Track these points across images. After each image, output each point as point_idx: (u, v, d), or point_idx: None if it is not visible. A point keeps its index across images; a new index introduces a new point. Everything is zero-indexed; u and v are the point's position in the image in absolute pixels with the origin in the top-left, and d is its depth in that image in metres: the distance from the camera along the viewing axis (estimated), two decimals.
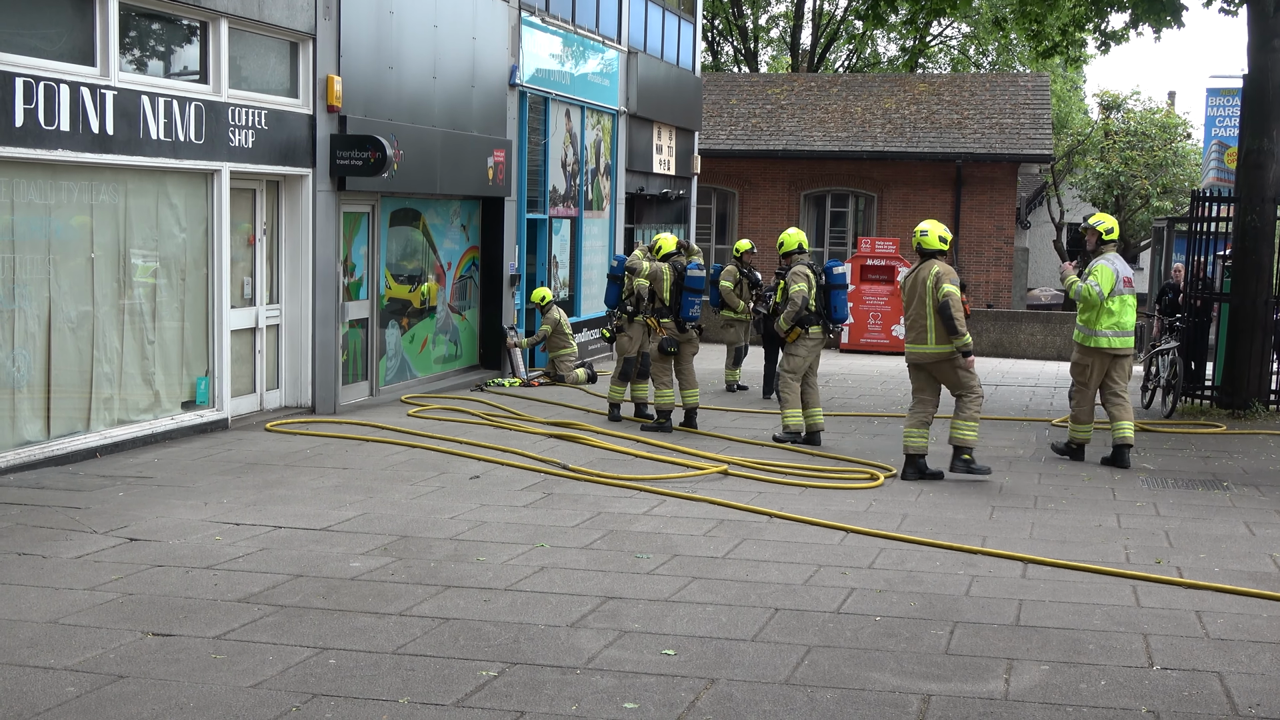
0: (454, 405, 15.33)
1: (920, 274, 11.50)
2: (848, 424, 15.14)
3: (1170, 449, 13.71)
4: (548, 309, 18.26)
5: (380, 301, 15.96)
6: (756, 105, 33.62)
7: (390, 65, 15.44)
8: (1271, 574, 8.31)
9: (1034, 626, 7.01)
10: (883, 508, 10.21)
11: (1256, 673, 6.31)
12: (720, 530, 9.23)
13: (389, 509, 9.68)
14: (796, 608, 7.28)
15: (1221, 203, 17.78)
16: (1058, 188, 41.77)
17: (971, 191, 31.10)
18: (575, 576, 7.86)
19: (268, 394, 14.23)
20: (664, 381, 14.02)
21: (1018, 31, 22.72)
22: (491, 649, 6.43)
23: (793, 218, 32.02)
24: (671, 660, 6.32)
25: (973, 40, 47.55)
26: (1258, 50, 17.05)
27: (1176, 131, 39.83)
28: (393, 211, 16.27)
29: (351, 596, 7.31)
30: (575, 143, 21.01)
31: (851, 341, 27.12)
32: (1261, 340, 16.76)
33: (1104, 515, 10.11)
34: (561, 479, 11.04)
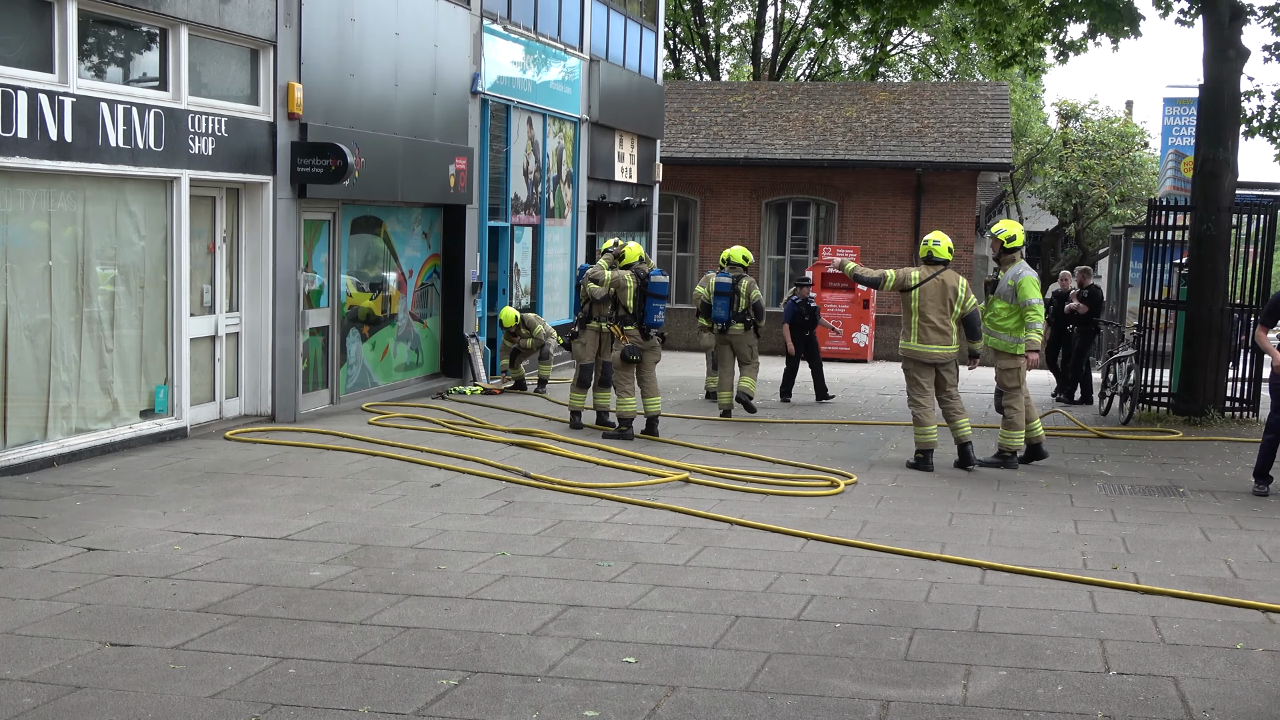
0: (415, 413, 15.30)
1: (945, 281, 12.49)
2: (809, 431, 15.20)
3: (1127, 455, 13.83)
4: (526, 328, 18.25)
5: (341, 309, 15.91)
6: (718, 113, 33.70)
7: (352, 73, 15.41)
8: (1226, 579, 8.40)
9: (992, 632, 7.06)
10: (843, 515, 10.26)
11: (1211, 677, 6.37)
12: (681, 538, 9.25)
13: (349, 517, 9.65)
14: (757, 615, 7.30)
15: (1178, 211, 17.97)
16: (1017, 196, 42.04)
17: (932, 200, 31.26)
18: (536, 584, 7.86)
19: (227, 402, 14.16)
20: (626, 389, 14.05)
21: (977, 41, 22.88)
22: (452, 657, 6.43)
23: (754, 225, 32.10)
24: (632, 668, 6.33)
25: (933, 49, 47.83)
26: (1213, 60, 17.24)
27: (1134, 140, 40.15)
28: (354, 219, 16.23)
29: (311, 605, 7.28)
30: (537, 150, 21.01)
31: None
32: (1217, 348, 16.94)
33: (1062, 521, 10.19)
34: (523, 487, 11.04)
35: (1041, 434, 13.06)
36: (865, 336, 27.27)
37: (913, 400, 12.66)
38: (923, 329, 12.50)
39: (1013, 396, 12.78)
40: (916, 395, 12.62)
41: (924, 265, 12.68)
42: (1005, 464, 12.74)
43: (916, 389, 12.63)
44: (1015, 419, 12.74)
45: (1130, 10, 18.86)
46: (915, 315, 12.51)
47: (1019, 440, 12.75)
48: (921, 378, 12.61)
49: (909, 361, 12.68)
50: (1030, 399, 13.03)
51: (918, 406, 12.58)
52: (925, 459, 12.55)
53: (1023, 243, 12.92)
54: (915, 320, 12.52)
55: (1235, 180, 17.37)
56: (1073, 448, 14.32)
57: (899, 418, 16.24)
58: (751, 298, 16.22)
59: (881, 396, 19.45)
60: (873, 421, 16.30)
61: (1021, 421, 12.73)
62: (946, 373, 12.66)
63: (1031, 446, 12.91)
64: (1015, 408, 12.74)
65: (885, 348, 28.30)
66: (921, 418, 12.55)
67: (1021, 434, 12.75)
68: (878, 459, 13.18)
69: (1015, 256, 12.86)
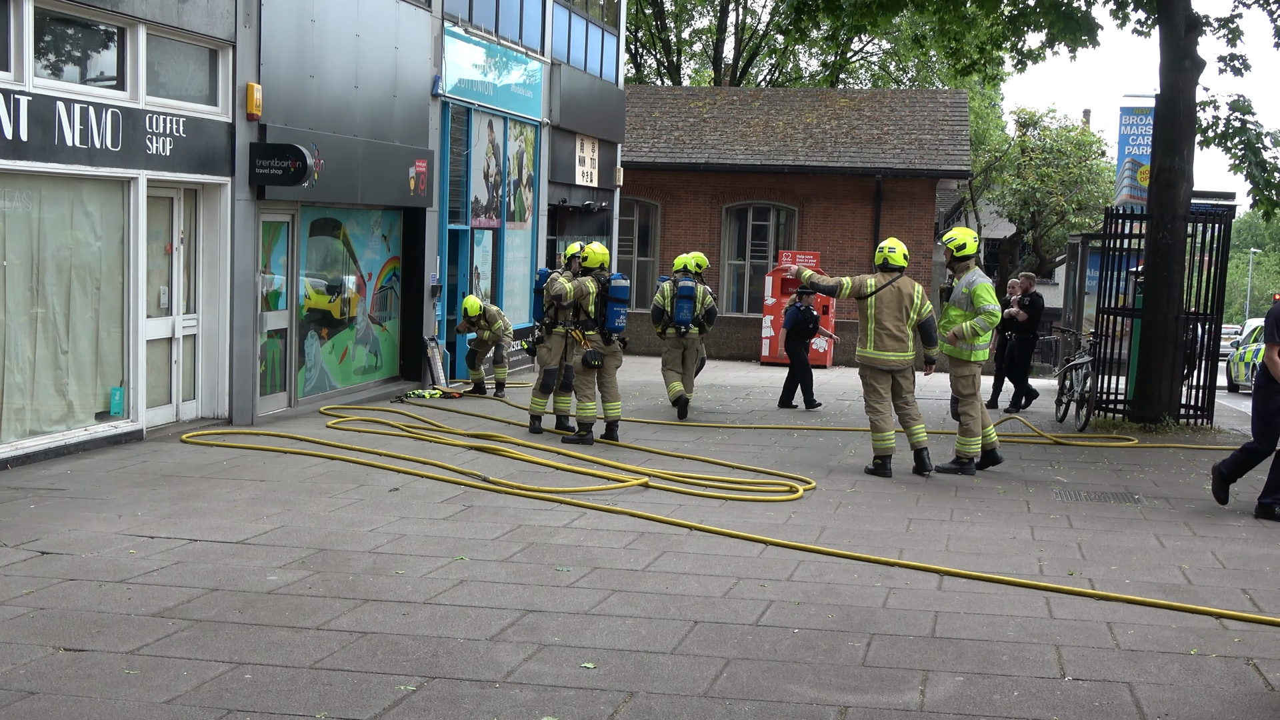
0: (374, 416, 15.24)
1: (901, 289, 12.53)
2: (768, 436, 15.23)
3: (1083, 462, 13.93)
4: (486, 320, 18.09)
5: (299, 312, 15.83)
6: (679, 118, 33.74)
7: (311, 74, 15.35)
8: (1181, 585, 8.47)
9: (949, 638, 7.09)
10: (802, 520, 10.28)
11: (1166, 683, 6.42)
12: (640, 543, 9.25)
13: (307, 521, 9.60)
14: (716, 620, 7.31)
15: (1134, 220, 18.12)
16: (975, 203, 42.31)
17: (891, 206, 31.40)
18: (495, 589, 7.84)
19: (184, 405, 14.06)
20: (586, 394, 14.04)
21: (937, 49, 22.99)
22: (410, 663, 6.40)
23: (715, 230, 32.16)
24: (591, 673, 6.32)
25: (893, 57, 48.06)
26: (1169, 70, 17.39)
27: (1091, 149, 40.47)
28: (313, 221, 16.15)
29: (268, 610, 7.24)
30: (498, 153, 20.98)
31: (772, 354, 27.31)
32: (1172, 355, 17.08)
33: (1018, 528, 10.25)
34: (482, 491, 11.01)
35: (995, 440, 13.15)
36: (824, 342, 27.34)
37: (870, 406, 12.72)
38: (879, 336, 12.55)
39: (968, 403, 12.85)
40: (874, 401, 12.67)
41: (880, 272, 12.73)
42: (962, 470, 12.80)
43: (874, 395, 12.68)
44: (971, 426, 12.81)
45: (1088, 20, 19.01)
46: (872, 322, 12.57)
47: (976, 447, 12.82)
48: (878, 384, 12.66)
49: (866, 368, 12.74)
50: (984, 406, 13.11)
51: (875, 413, 12.64)
52: (883, 465, 12.60)
53: (975, 250, 12.97)
54: (872, 327, 12.57)
55: (1191, 189, 17.53)
56: (1029, 454, 14.41)
57: (858, 423, 16.30)
58: (706, 303, 16.57)
59: (840, 402, 19.52)
60: (831, 427, 16.35)
61: (978, 428, 12.80)
62: (903, 379, 12.72)
63: (986, 453, 12.99)
64: (971, 414, 12.81)
65: (844, 353, 28.41)
66: (879, 424, 12.60)
67: (978, 441, 12.82)
68: (836, 464, 13.23)
69: (969, 264, 12.93)
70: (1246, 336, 31.15)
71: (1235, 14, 18.67)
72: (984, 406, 13.13)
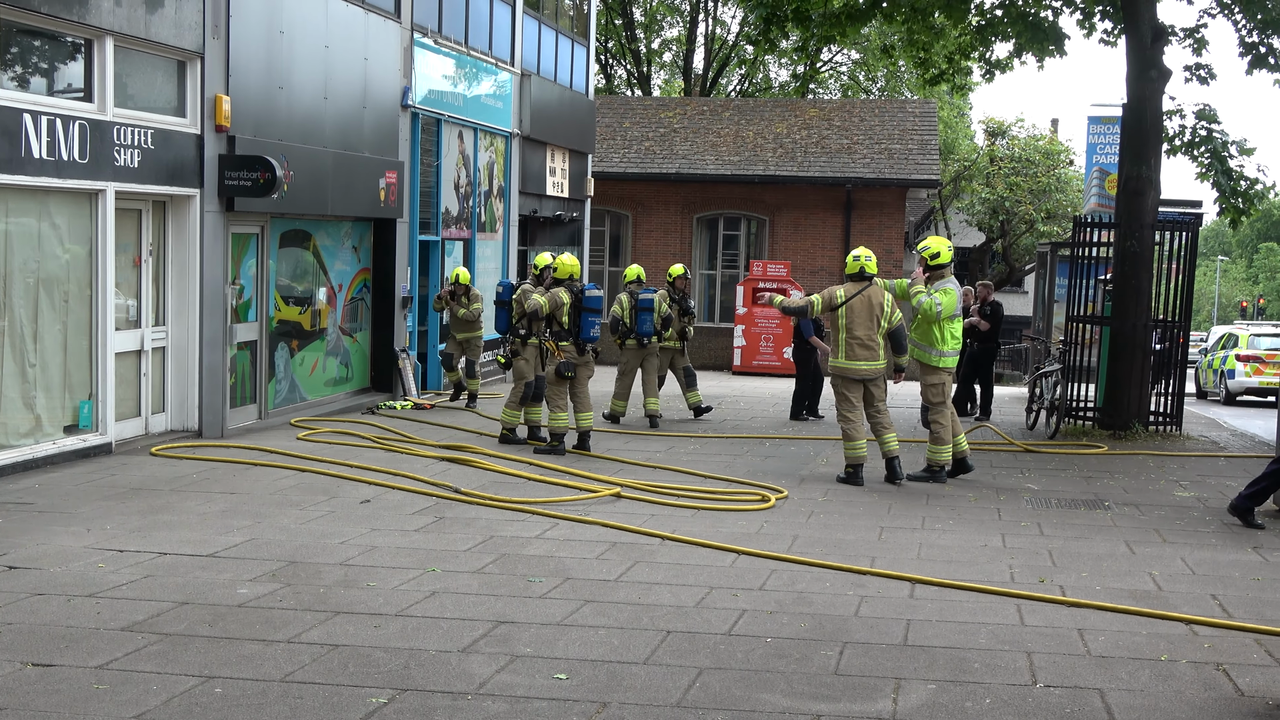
0: (345, 428, 15.19)
1: (871, 298, 12.58)
2: (740, 445, 15.24)
3: (1054, 469, 13.99)
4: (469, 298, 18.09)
5: (269, 323, 15.76)
6: (650, 128, 33.79)
7: (280, 85, 15.30)
8: (1151, 591, 8.51)
9: (921, 646, 7.10)
10: (774, 529, 10.29)
11: (1136, 689, 6.45)
12: (613, 553, 9.24)
13: (277, 534, 9.55)
14: (688, 630, 7.31)
15: (1102, 228, 18.24)
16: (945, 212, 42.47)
17: (861, 215, 31.50)
18: (467, 601, 7.82)
19: (153, 418, 13.98)
20: (558, 405, 14.02)
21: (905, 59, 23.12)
22: (381, 675, 6.38)
23: (685, 240, 32.20)
24: (563, 684, 6.31)
25: (862, 67, 48.25)
26: (1136, 80, 17.52)
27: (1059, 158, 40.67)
28: (283, 233, 16.09)
29: (238, 624, 7.20)
30: (468, 164, 20.96)
31: (744, 363, 27.35)
32: (1141, 362, 17.18)
33: (989, 535, 10.28)
34: (453, 502, 10.99)
35: (966, 448, 13.19)
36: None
37: (842, 415, 12.74)
38: (850, 346, 12.59)
39: (938, 411, 12.90)
40: (846, 410, 12.70)
41: (850, 282, 12.77)
42: (934, 478, 12.84)
43: (845, 404, 12.71)
44: (941, 434, 12.85)
45: (1055, 30, 19.15)
46: (843, 332, 12.61)
47: (946, 455, 12.86)
48: (850, 393, 12.69)
49: (838, 378, 12.77)
50: (955, 414, 13.17)
51: (847, 422, 12.66)
52: (855, 473, 12.63)
53: (949, 259, 13.01)
54: (843, 337, 12.61)
55: (1158, 198, 17.66)
56: (1000, 462, 14.47)
57: (829, 432, 16.33)
58: (662, 312, 16.84)
59: None
60: (803, 436, 16.38)
61: (948, 436, 12.84)
62: (874, 388, 12.75)
63: (957, 461, 13.04)
64: (941, 422, 12.86)
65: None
66: (851, 433, 12.63)
67: (949, 448, 12.86)
68: (808, 473, 13.25)
69: (943, 273, 12.99)
70: (1214, 344, 31.36)
71: (1200, 24, 18.83)
72: (955, 414, 13.18)
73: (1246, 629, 7.58)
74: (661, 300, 16.83)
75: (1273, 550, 9.91)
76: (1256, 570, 9.25)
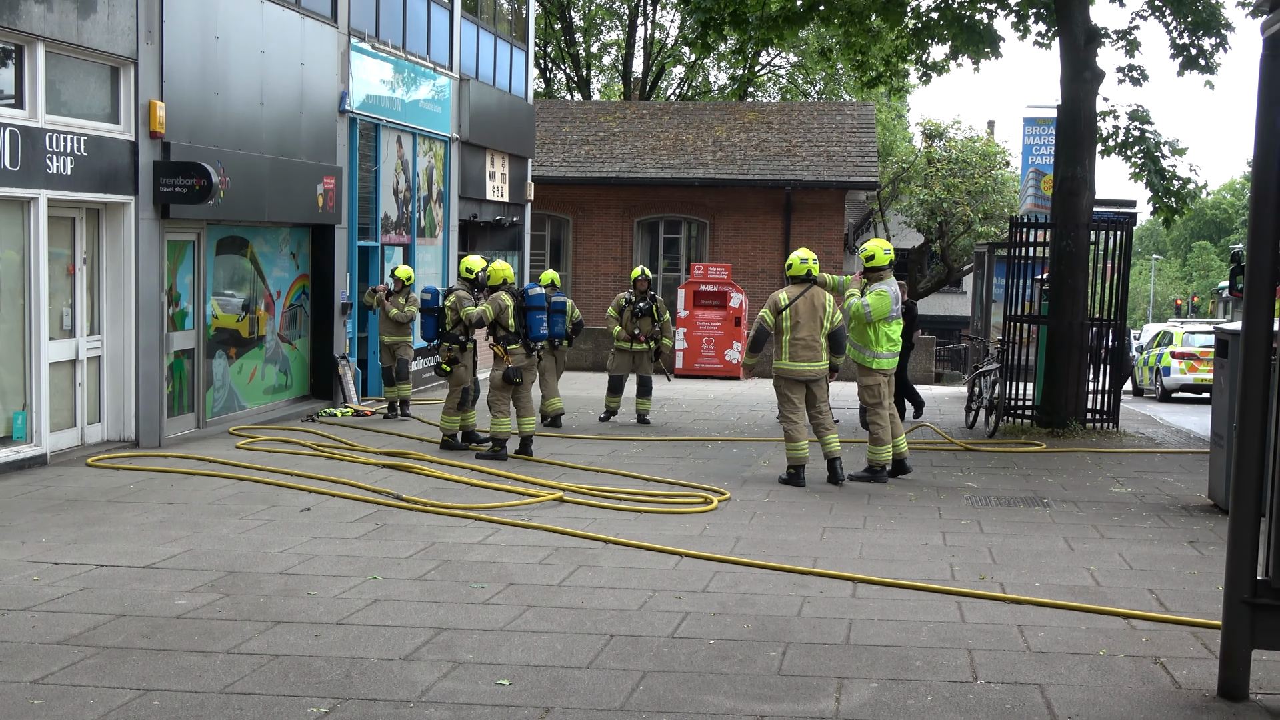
0: (284, 436, 15.07)
1: (814, 299, 12.64)
2: (682, 448, 15.26)
3: (993, 468, 14.11)
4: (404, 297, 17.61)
5: (207, 331, 15.62)
6: (589, 132, 33.79)
7: (216, 91, 15.17)
8: (1089, 587, 8.59)
9: (864, 645, 7.14)
10: (717, 531, 10.30)
11: (1075, 683, 6.51)
12: (555, 558, 9.22)
13: (216, 544, 9.46)
14: (631, 633, 7.30)
15: (1038, 228, 18.41)
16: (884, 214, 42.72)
17: (801, 218, 31.65)
18: (409, 608, 7.77)
19: (89, 428, 13.82)
20: (501, 410, 13.96)
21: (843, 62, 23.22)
22: (323, 685, 6.32)
23: (626, 244, 32.23)
24: (506, 690, 6.28)
25: (800, 70, 48.46)
26: (1070, 82, 17.71)
27: (996, 159, 41.01)
28: (219, 239, 15.95)
29: (177, 635, 7.12)
30: (407, 169, 20.87)
31: (686, 366, 27.36)
32: (1078, 360, 17.36)
33: (930, 534, 10.35)
34: (395, 509, 10.92)
35: (905, 450, 13.26)
36: (737, 354, 27.46)
37: (784, 417, 12.79)
38: (793, 347, 12.63)
39: (875, 412, 12.97)
40: (788, 412, 12.74)
41: (792, 284, 12.81)
42: (875, 478, 12.91)
43: (788, 405, 12.75)
44: (880, 434, 12.92)
45: (990, 32, 19.32)
46: (787, 334, 12.64)
47: (886, 455, 12.93)
48: (793, 394, 12.74)
49: (781, 379, 12.81)
50: (895, 415, 13.24)
51: (790, 423, 12.71)
52: (797, 474, 12.67)
53: (885, 261, 13.03)
54: (786, 339, 12.65)
55: (1093, 198, 17.86)
56: (940, 461, 14.57)
57: (771, 434, 16.38)
58: (575, 316, 16.81)
59: (754, 413, 19.61)
60: (745, 438, 16.43)
61: (887, 436, 12.91)
62: (817, 389, 12.80)
63: (895, 462, 13.11)
64: (879, 423, 12.92)
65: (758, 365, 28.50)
66: (794, 434, 12.67)
67: (888, 449, 12.93)
68: (750, 475, 13.28)
69: (881, 275, 13.04)
70: (1149, 341, 31.74)
71: (1133, 26, 19.08)
72: (896, 416, 13.25)
73: (1183, 623, 7.67)
74: (573, 307, 16.77)
75: (1208, 545, 10.04)
76: (1193, 564, 9.36)
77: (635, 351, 17.58)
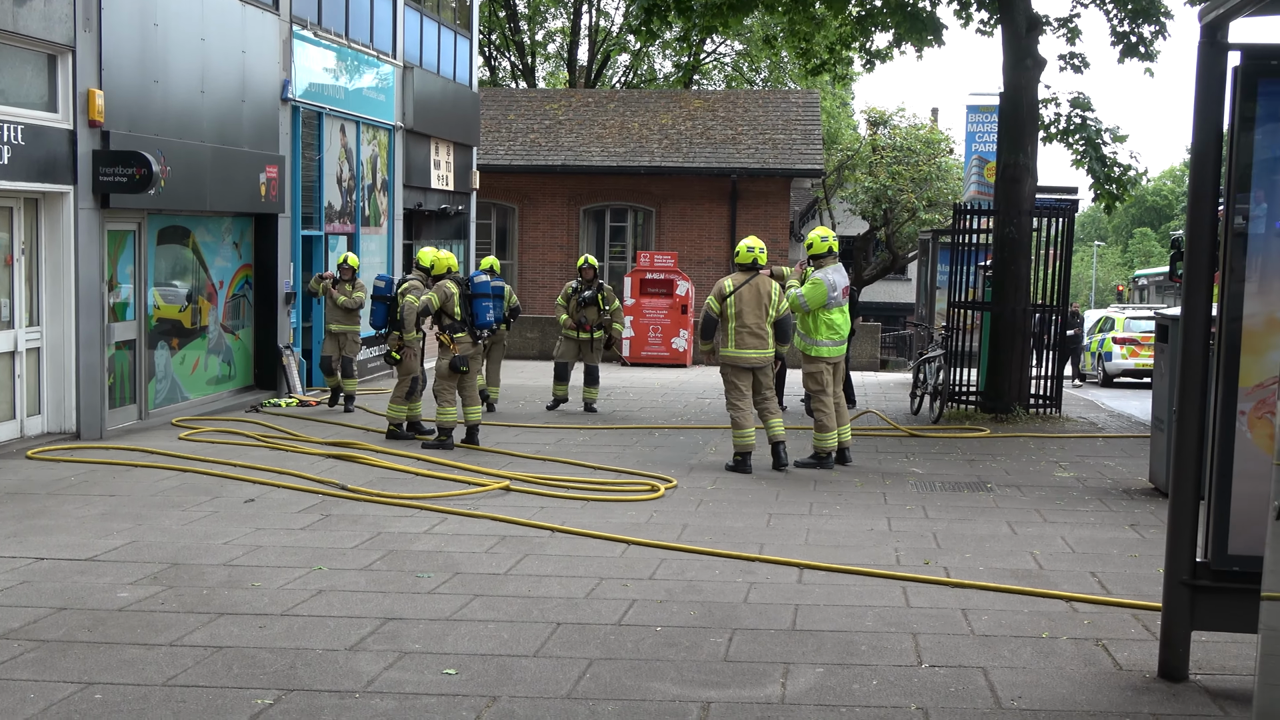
0: (228, 427, 14.95)
1: (759, 287, 12.68)
2: (629, 436, 15.26)
3: (938, 453, 14.21)
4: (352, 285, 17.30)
5: (149, 322, 15.46)
6: (535, 121, 33.68)
7: (156, 79, 15.00)
8: (1032, 571, 8.67)
9: (809, 630, 7.17)
10: (663, 519, 10.32)
11: (1019, 666, 6.57)
12: (502, 547, 9.20)
13: (159, 536, 9.37)
14: (578, 621, 7.30)
15: (982, 215, 18.54)
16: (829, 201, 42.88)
17: (747, 205, 31.70)
18: (354, 599, 7.74)
19: (29, 420, 13.65)
20: (447, 399, 13.91)
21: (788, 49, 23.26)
22: (267, 676, 6.28)
23: (572, 232, 32.18)
24: (453, 680, 6.27)
25: (745, 58, 48.50)
26: (1012, 69, 17.83)
27: (940, 147, 41.22)
28: (161, 229, 15.78)
29: (119, 628, 7.05)
30: (351, 158, 20.73)
31: (633, 354, 27.38)
32: (1021, 346, 17.51)
33: (875, 519, 10.41)
34: (340, 500, 10.86)
35: (847, 440, 13.29)
36: (684, 342, 27.51)
37: (731, 404, 12.82)
38: (739, 334, 12.66)
39: (818, 400, 13.03)
40: (734, 399, 12.78)
41: (739, 271, 12.84)
42: (821, 464, 12.96)
43: (734, 393, 12.78)
44: (825, 420, 12.97)
45: (933, 20, 19.41)
46: (732, 321, 12.66)
47: (832, 441, 12.99)
48: (739, 382, 12.77)
49: (726, 366, 12.84)
50: (843, 402, 13.30)
51: (736, 410, 12.74)
52: (744, 461, 12.71)
53: (826, 248, 13.04)
54: (732, 326, 12.67)
55: (1035, 185, 18.00)
56: (885, 447, 14.66)
57: (718, 421, 16.42)
58: (512, 303, 16.73)
59: (701, 400, 19.65)
60: (692, 425, 16.46)
61: (832, 423, 12.96)
62: (763, 375, 12.84)
63: (837, 450, 13.12)
64: (823, 410, 12.98)
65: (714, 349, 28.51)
66: (740, 420, 12.71)
67: (833, 435, 12.99)
68: (697, 462, 13.31)
69: (823, 262, 13.07)
70: (1092, 327, 32.04)
71: (1074, 14, 19.23)
72: (843, 403, 13.31)
73: (1125, 605, 7.76)
74: (511, 293, 16.66)
75: (1149, 528, 10.16)
76: (1134, 547, 9.47)
77: (582, 340, 17.55)
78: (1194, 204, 6.20)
